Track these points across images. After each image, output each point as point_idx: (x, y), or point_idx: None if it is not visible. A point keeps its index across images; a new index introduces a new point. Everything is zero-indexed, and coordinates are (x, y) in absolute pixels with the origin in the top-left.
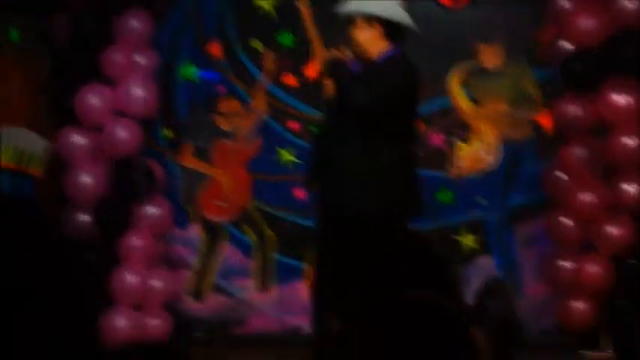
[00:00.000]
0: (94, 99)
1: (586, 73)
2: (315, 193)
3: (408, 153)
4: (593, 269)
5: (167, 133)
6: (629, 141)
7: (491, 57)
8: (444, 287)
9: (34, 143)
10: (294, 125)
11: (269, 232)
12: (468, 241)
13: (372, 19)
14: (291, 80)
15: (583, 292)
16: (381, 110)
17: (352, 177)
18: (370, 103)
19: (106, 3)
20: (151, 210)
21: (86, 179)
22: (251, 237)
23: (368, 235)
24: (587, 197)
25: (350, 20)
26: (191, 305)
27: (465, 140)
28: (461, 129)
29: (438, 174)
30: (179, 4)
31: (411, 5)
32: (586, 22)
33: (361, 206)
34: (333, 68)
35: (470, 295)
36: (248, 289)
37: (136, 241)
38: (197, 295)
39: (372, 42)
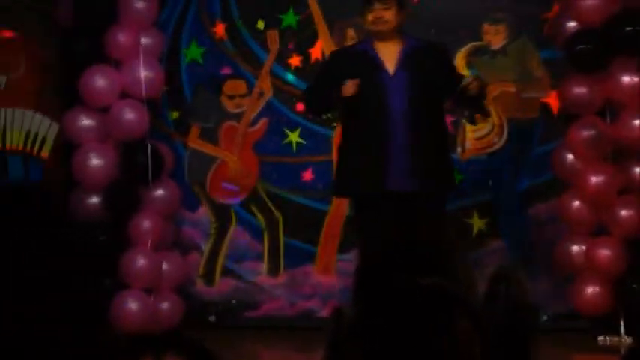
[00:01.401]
0: (100, 80)
1: (592, 52)
2: (352, 169)
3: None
4: (605, 252)
5: (174, 114)
6: (637, 121)
7: (497, 37)
8: (454, 272)
9: (42, 126)
10: (300, 106)
11: (277, 215)
12: (479, 224)
13: None
14: (296, 61)
15: (596, 275)
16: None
17: (418, 153)
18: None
19: None
20: (160, 192)
21: (95, 161)
22: (260, 219)
23: (422, 211)
24: (597, 179)
25: (368, 2)
26: (202, 288)
27: (471, 121)
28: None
29: None
30: None
31: None
32: (591, 1)
33: (426, 181)
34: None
35: (482, 280)
36: (259, 272)
37: (145, 223)
38: (208, 278)
39: (395, 17)
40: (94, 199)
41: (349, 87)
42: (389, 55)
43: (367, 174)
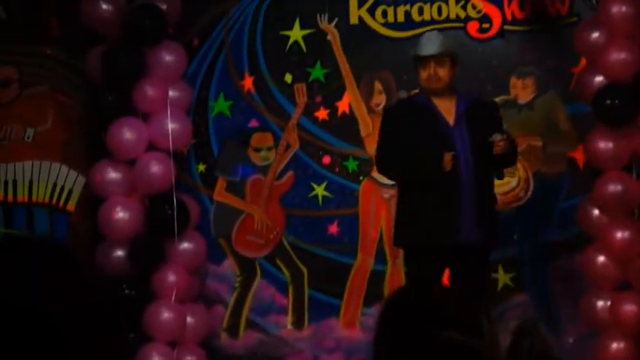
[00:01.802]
0: (127, 133)
1: (619, 106)
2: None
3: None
4: (630, 307)
5: (200, 167)
6: None
7: (524, 91)
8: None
9: (69, 178)
10: (326, 159)
11: (303, 268)
12: (504, 278)
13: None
14: (323, 114)
15: (620, 331)
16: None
17: (480, 206)
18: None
19: (140, 36)
20: (185, 245)
21: (120, 214)
22: (285, 273)
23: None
24: (622, 234)
25: (423, 58)
26: (226, 342)
27: (498, 176)
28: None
29: None
30: (211, 38)
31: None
32: (617, 56)
33: (482, 235)
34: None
35: (506, 335)
36: (283, 325)
37: (170, 276)
38: (232, 331)
39: (448, 74)
40: (120, 253)
41: (448, 163)
42: (445, 109)
43: (436, 225)
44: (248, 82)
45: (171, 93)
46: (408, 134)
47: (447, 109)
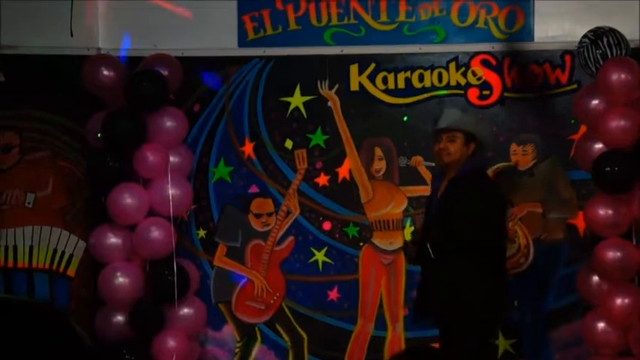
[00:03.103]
0: (128, 198)
1: (618, 174)
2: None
3: None
4: None
5: (201, 233)
6: None
7: (525, 157)
8: None
9: (69, 244)
10: (327, 225)
11: (303, 334)
12: (505, 344)
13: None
14: (323, 180)
15: None
16: None
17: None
18: None
19: (141, 102)
20: (185, 311)
21: (120, 280)
22: (285, 338)
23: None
24: (622, 300)
25: (437, 132)
26: None
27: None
28: None
29: None
30: (212, 103)
31: (443, 104)
32: (617, 123)
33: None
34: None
35: None
36: None
37: (170, 341)
38: None
39: (460, 150)
40: (120, 318)
41: (411, 253)
42: (445, 182)
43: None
44: (248, 148)
45: (171, 158)
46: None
47: (446, 181)
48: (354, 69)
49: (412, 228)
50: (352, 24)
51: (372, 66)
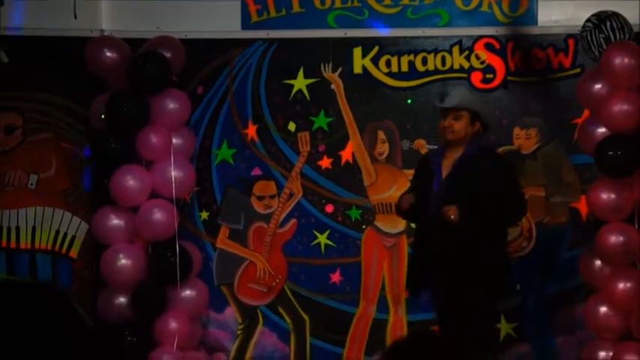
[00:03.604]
0: (131, 180)
1: (621, 157)
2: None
3: None
4: (632, 358)
5: (203, 215)
6: None
7: (528, 141)
8: None
9: (72, 225)
10: (329, 208)
11: (305, 316)
12: (506, 328)
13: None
14: (326, 162)
15: None
16: None
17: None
18: None
19: (144, 84)
20: (187, 292)
21: (123, 261)
22: (287, 320)
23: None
24: (625, 285)
25: (444, 109)
26: None
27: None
28: None
29: None
30: (215, 86)
31: (445, 88)
32: (620, 107)
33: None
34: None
35: None
36: None
37: (172, 323)
38: None
39: (464, 128)
40: (122, 299)
41: (403, 202)
42: (449, 161)
43: (411, 276)
44: (251, 131)
45: (174, 140)
46: (418, 187)
47: (451, 162)
48: (357, 52)
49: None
50: (356, 7)
51: (376, 49)
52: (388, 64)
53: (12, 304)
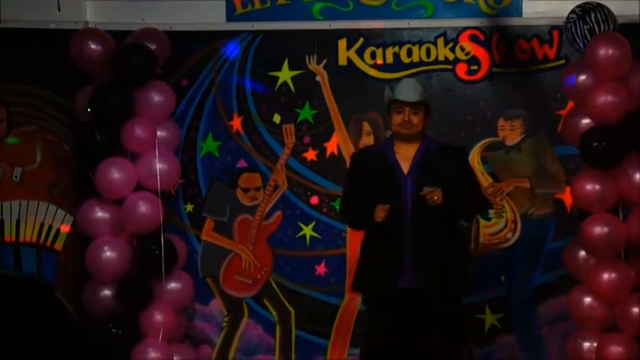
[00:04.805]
0: (115, 172)
1: (606, 149)
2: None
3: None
4: (616, 349)
5: (188, 207)
6: None
7: (512, 133)
8: None
9: (56, 217)
10: (314, 200)
11: (290, 308)
12: (491, 319)
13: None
14: (311, 154)
15: None
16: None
17: (424, 254)
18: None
19: (129, 76)
20: (173, 285)
21: (108, 254)
22: (272, 313)
23: (428, 311)
24: (609, 276)
25: (400, 103)
26: None
27: (486, 217)
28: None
29: None
30: (200, 78)
31: (430, 79)
32: (604, 98)
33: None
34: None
35: None
36: None
37: (157, 316)
38: None
39: (422, 122)
40: (107, 292)
41: (379, 214)
42: (406, 156)
43: (380, 275)
44: (236, 123)
45: (159, 133)
46: (365, 183)
47: (408, 155)
48: (342, 43)
49: None
50: None
51: (361, 40)
52: (373, 55)
53: None
